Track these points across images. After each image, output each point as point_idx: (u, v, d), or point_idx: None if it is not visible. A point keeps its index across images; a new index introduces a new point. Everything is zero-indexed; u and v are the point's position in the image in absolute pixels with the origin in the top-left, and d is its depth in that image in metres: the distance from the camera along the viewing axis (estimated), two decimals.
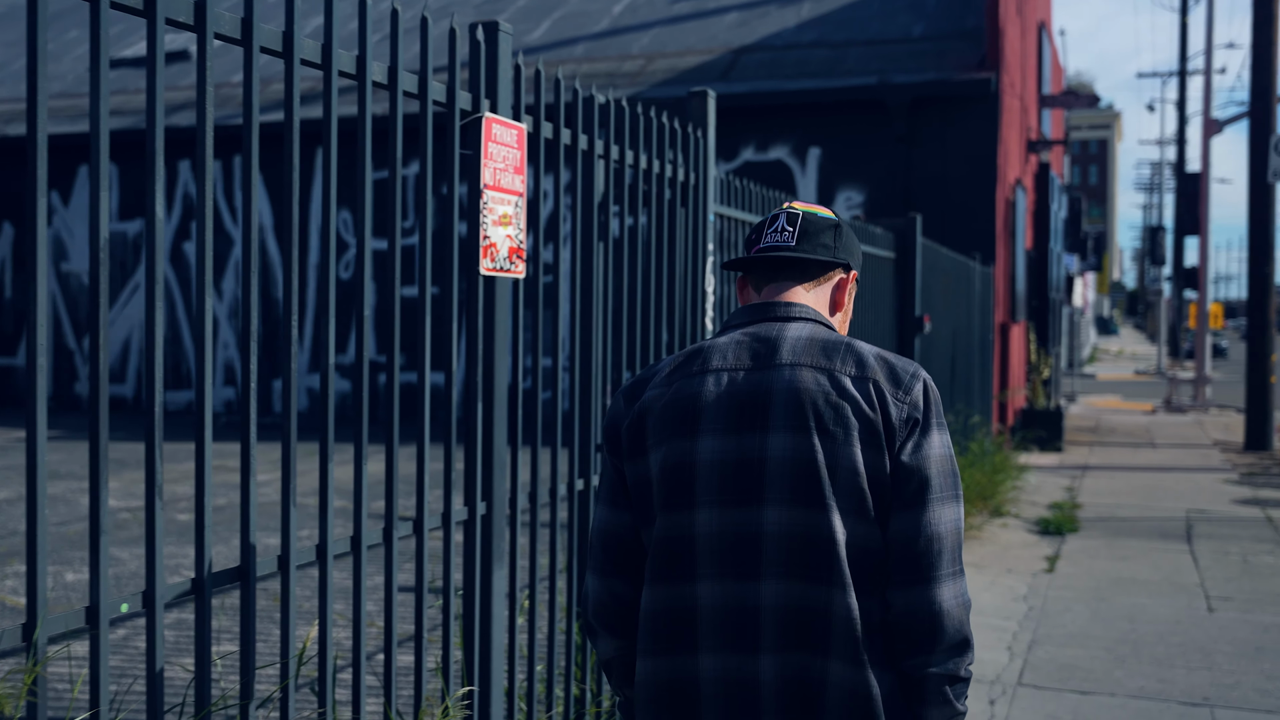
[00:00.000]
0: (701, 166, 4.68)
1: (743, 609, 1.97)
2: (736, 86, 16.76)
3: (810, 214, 2.16)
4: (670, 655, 2.01)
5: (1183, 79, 40.42)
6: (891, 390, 2.00)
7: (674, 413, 2.04)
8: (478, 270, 3.05)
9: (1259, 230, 16.33)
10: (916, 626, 1.95)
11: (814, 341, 2.04)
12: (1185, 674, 5.97)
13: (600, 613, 2.14)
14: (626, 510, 2.10)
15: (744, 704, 1.97)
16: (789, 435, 1.97)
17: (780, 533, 1.96)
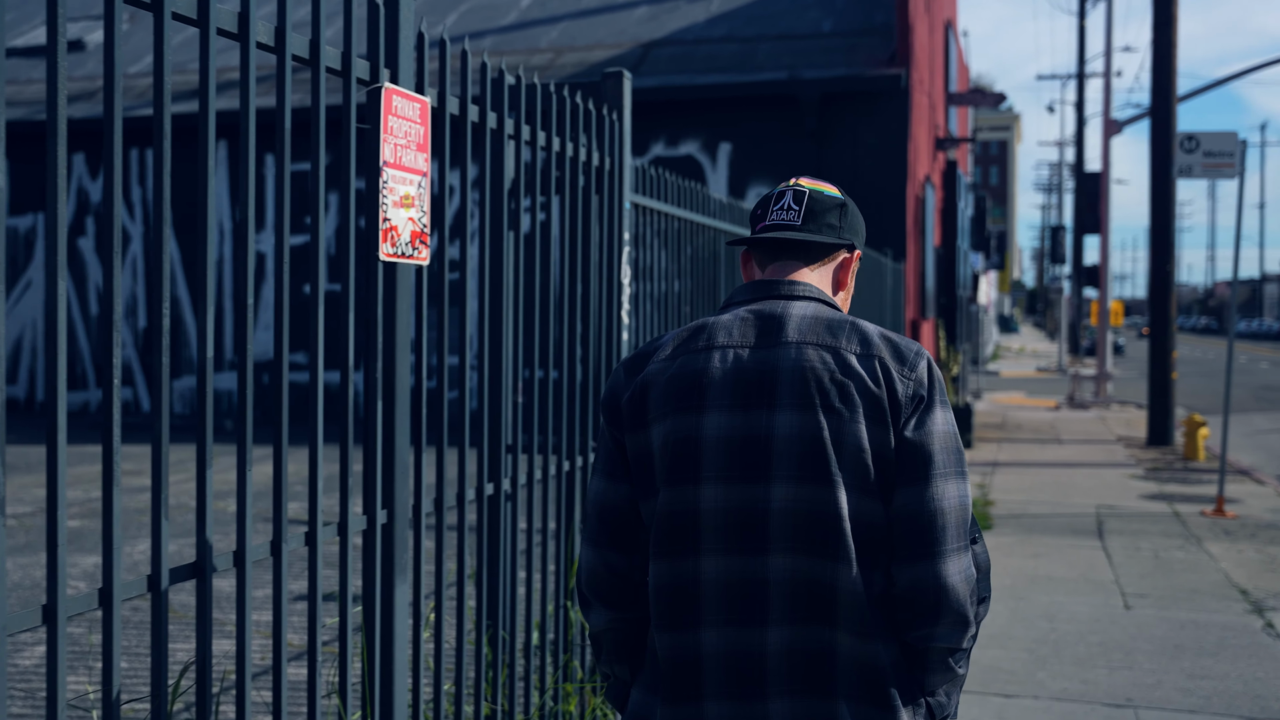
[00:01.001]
0: (617, 151, 4.45)
1: (748, 583, 1.98)
2: (647, 81, 16.56)
3: (816, 192, 2.15)
4: (674, 630, 2.02)
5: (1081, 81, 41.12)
6: (897, 367, 2.01)
7: (678, 387, 2.04)
8: (377, 256, 2.78)
9: (1160, 228, 16.54)
10: (921, 600, 1.97)
11: (819, 320, 2.05)
12: (1107, 674, 5.88)
13: (594, 583, 2.14)
14: (624, 482, 2.10)
15: (748, 676, 1.98)
16: (796, 413, 1.98)
17: (787, 508, 1.97)
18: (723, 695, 1.99)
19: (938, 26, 19.70)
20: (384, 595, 2.99)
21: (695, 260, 6.06)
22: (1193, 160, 11.11)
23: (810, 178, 2.22)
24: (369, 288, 2.83)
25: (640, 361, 2.12)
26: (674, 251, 5.65)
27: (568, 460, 4.19)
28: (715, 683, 2.00)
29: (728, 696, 1.99)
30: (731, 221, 6.79)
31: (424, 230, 2.98)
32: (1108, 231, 25.73)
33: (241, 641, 2.47)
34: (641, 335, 5.18)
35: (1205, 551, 9.11)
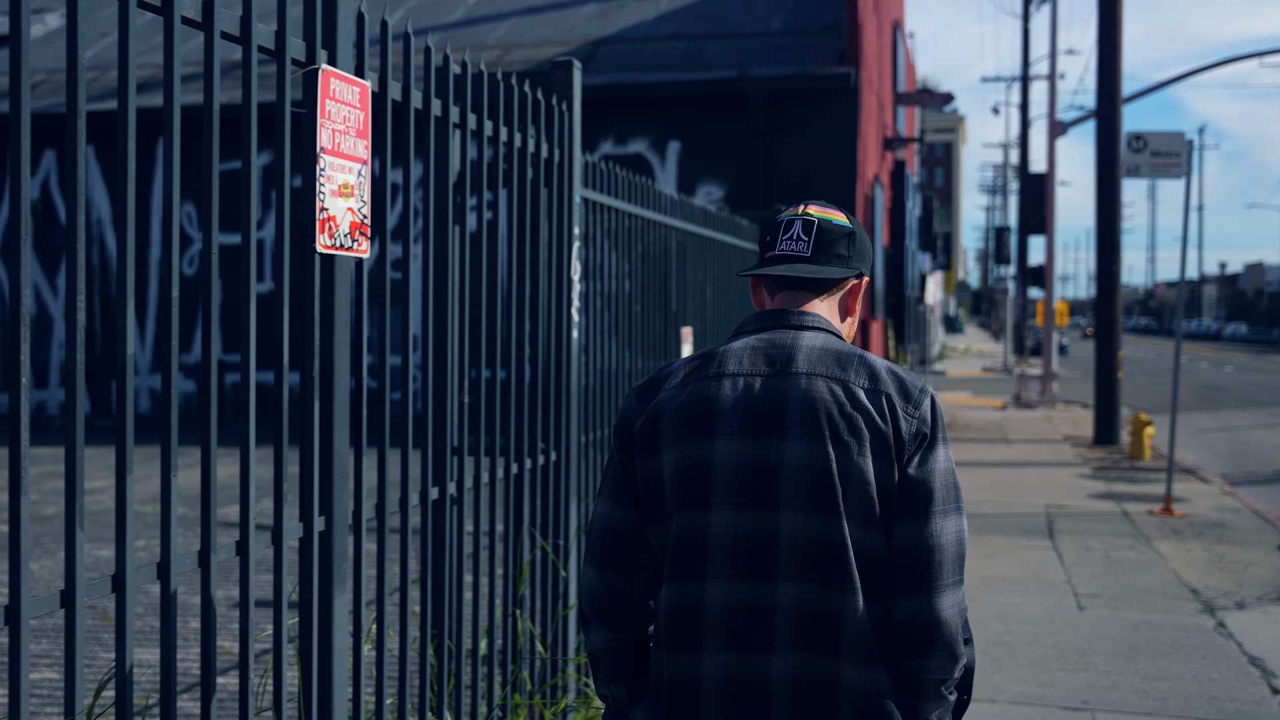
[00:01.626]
0: (567, 143, 4.31)
1: (754, 609, 2.01)
2: (595, 78, 16.42)
3: (825, 221, 2.18)
4: (677, 653, 2.05)
5: (1025, 84, 41.44)
6: (902, 405, 2.05)
7: (690, 414, 2.07)
8: (313, 247, 2.62)
9: (1105, 229, 16.62)
10: (916, 632, 2.01)
11: (828, 352, 2.09)
12: (1063, 676, 5.81)
13: (594, 603, 2.16)
14: (632, 508, 2.13)
15: (750, 703, 2.00)
16: (805, 442, 2.01)
17: (796, 536, 2.00)
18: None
19: (886, 27, 19.72)
20: (322, 605, 2.84)
21: (646, 258, 5.93)
22: (1140, 160, 11.14)
23: (819, 204, 2.22)
24: (305, 282, 2.68)
25: (652, 388, 2.15)
26: (624, 249, 5.52)
27: (516, 463, 4.05)
28: (713, 708, 2.02)
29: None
30: (682, 218, 6.68)
31: (364, 221, 2.83)
32: (1053, 232, 25.89)
33: (167, 659, 2.31)
34: (592, 335, 5.05)
35: (1155, 551, 9.11)
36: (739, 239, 8.13)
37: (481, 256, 3.74)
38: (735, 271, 8.09)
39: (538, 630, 4.35)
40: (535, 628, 4.33)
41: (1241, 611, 7.30)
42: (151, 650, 5.61)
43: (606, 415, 5.30)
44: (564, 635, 4.48)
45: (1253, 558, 8.94)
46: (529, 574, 4.29)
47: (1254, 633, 6.77)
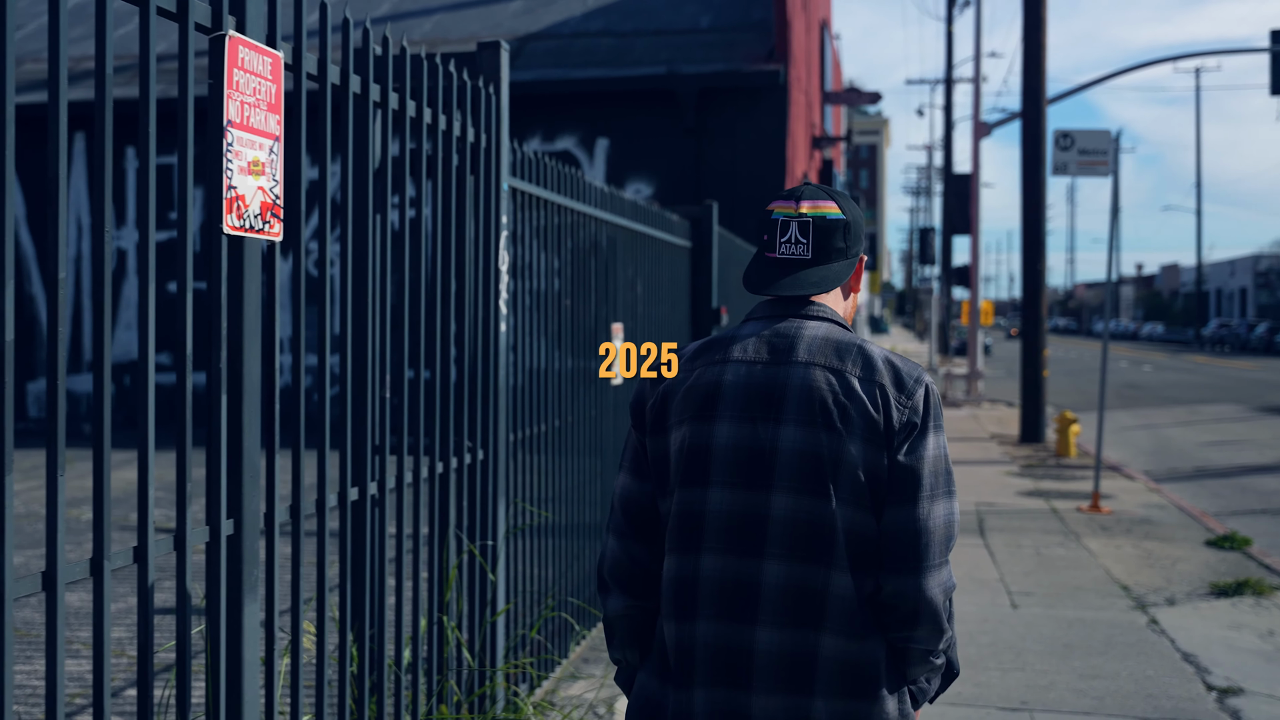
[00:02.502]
0: (494, 128, 4.13)
1: (742, 584, 2.12)
2: (522, 74, 16.20)
3: (820, 219, 2.23)
4: (676, 620, 2.17)
5: (949, 86, 41.86)
6: (895, 394, 2.14)
7: (695, 397, 2.19)
8: (220, 228, 2.43)
9: (1031, 228, 16.73)
10: (903, 608, 2.12)
11: (829, 342, 2.18)
12: (1000, 676, 5.73)
13: (615, 571, 2.28)
14: (647, 480, 2.26)
15: (735, 670, 2.12)
16: (799, 428, 2.12)
17: (786, 517, 2.11)
18: (711, 684, 2.14)
19: (814, 26, 19.72)
20: (231, 613, 2.64)
21: (576, 253, 5.76)
22: (1068, 158, 11.17)
23: (809, 198, 2.26)
24: (210, 266, 2.48)
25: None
26: (553, 244, 5.35)
27: (441, 461, 3.86)
28: (705, 673, 2.14)
29: (715, 685, 2.14)
30: (613, 212, 6.52)
31: (276, 202, 2.63)
32: (978, 232, 26.08)
33: (52, 677, 2.10)
34: (521, 335, 4.87)
35: (1085, 548, 9.12)
36: (670, 234, 7.98)
37: (404, 246, 3.56)
38: (656, 267, 7.95)
39: (465, 637, 4.16)
40: (463, 635, 4.15)
41: (1172, 608, 7.29)
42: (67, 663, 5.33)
43: (537, 414, 5.13)
44: (492, 642, 4.30)
45: (1180, 554, 8.97)
46: (456, 579, 4.11)
47: (1186, 629, 6.76)
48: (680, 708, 2.16)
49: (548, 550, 5.37)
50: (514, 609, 4.79)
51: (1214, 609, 7.31)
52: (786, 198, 2.28)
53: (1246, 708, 5.40)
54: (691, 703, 2.15)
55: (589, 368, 6.02)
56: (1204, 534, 9.76)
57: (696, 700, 2.14)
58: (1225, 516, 10.88)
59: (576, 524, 5.85)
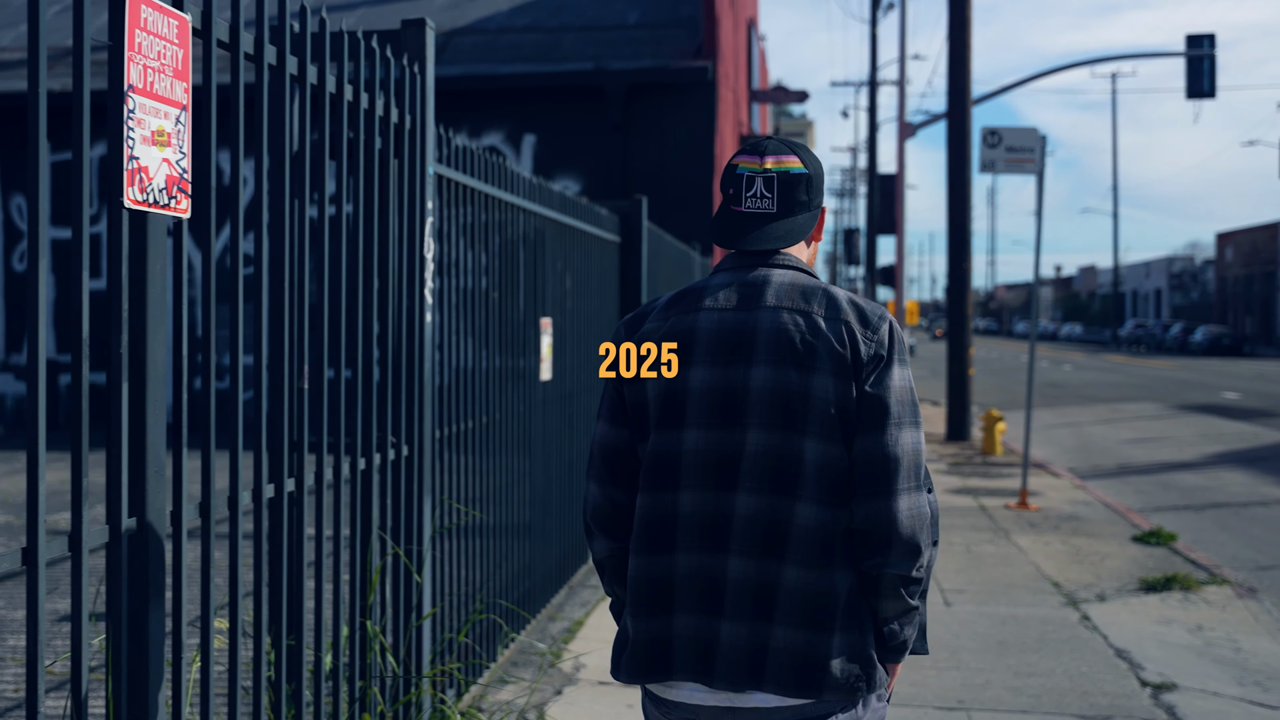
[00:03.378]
0: (419, 110, 3.95)
1: (717, 516, 2.23)
2: (448, 69, 15.96)
3: (784, 173, 2.31)
4: (652, 554, 2.28)
5: (873, 87, 42.13)
6: (861, 330, 2.23)
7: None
8: (120, 202, 2.23)
9: (957, 226, 16.80)
10: (875, 532, 2.19)
11: (795, 286, 2.28)
12: (936, 675, 5.66)
13: (598, 516, 2.39)
14: (625, 426, 2.35)
15: (710, 598, 2.23)
16: (770, 368, 2.22)
17: (757, 452, 2.21)
18: (690, 610, 2.25)
19: (741, 24, 19.68)
20: (134, 619, 2.45)
21: (503, 245, 5.59)
22: (996, 155, 11.19)
23: (773, 152, 2.32)
24: (111, 243, 2.28)
25: (638, 321, 2.37)
26: (481, 235, 5.17)
27: (364, 458, 3.68)
28: (685, 599, 2.25)
29: (694, 612, 2.24)
30: (541, 203, 6.36)
31: (184, 176, 2.44)
32: (903, 232, 26.24)
33: None
34: (448, 329, 4.69)
35: (1014, 545, 9.12)
36: (600, 229, 7.82)
37: (324, 233, 3.37)
38: (585, 261, 7.80)
39: (389, 642, 3.98)
40: (387, 639, 3.96)
41: (1103, 603, 7.28)
42: None
43: (464, 409, 4.95)
44: (418, 647, 4.12)
45: (1108, 549, 9.00)
46: (380, 581, 3.92)
47: (1117, 624, 6.75)
48: (655, 634, 2.27)
49: (476, 550, 5.19)
50: (441, 612, 4.61)
51: (1144, 604, 7.32)
52: (750, 152, 2.33)
53: (1180, 703, 5.37)
54: (671, 628, 2.26)
55: (517, 364, 5.85)
56: (1130, 530, 9.81)
57: (677, 626, 2.25)
58: (1149, 512, 10.96)
59: (506, 523, 5.68)
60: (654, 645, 2.26)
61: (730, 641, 2.20)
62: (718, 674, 2.21)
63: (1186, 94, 23.60)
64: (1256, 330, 58.91)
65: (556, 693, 5.22)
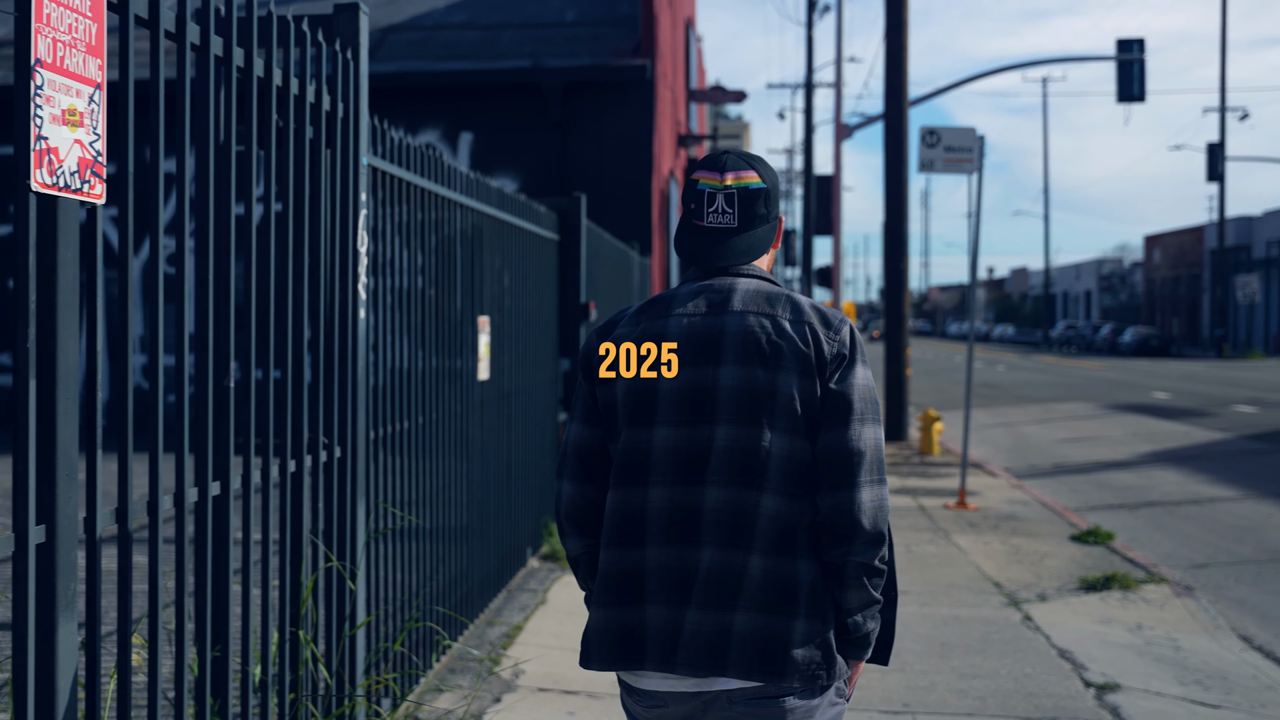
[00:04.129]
0: (353, 98, 3.80)
1: (688, 509, 2.33)
2: (384, 66, 15.73)
3: (744, 189, 2.43)
4: (623, 547, 2.36)
5: (809, 89, 42.29)
6: (824, 331, 2.35)
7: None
8: (27, 184, 2.08)
9: (894, 227, 16.82)
10: (839, 523, 2.28)
11: (760, 293, 2.40)
12: (880, 677, 5.58)
13: (573, 514, 2.46)
14: (598, 426, 2.44)
15: (681, 588, 2.31)
16: (738, 367, 2.33)
17: (725, 447, 2.32)
18: (660, 601, 2.33)
19: (679, 23, 19.61)
20: (41, 634, 2.28)
21: (440, 241, 5.44)
22: (934, 155, 11.19)
23: (733, 168, 2.43)
24: (17, 229, 2.12)
25: (609, 328, 2.46)
26: (417, 234, 5.02)
27: (294, 459, 3.52)
28: (656, 590, 2.33)
29: (663, 603, 2.33)
30: (479, 199, 6.22)
31: (98, 160, 2.28)
32: (840, 232, 26.34)
33: None
34: (381, 329, 4.54)
35: (954, 545, 9.10)
36: (538, 226, 7.69)
37: (251, 225, 3.22)
38: (523, 259, 7.67)
39: (321, 652, 3.82)
40: (319, 649, 3.81)
41: (1045, 603, 7.27)
42: None
43: (400, 410, 4.80)
44: (352, 656, 3.96)
45: (1047, 549, 9.02)
46: (312, 588, 3.77)
47: (1059, 624, 6.73)
48: (627, 624, 2.34)
49: (413, 555, 5.04)
50: (376, 619, 4.46)
51: (1084, 604, 7.32)
52: (711, 168, 2.44)
53: (1125, 704, 5.34)
54: (643, 619, 2.33)
55: (454, 363, 5.70)
56: (1068, 529, 9.84)
57: (649, 616, 2.33)
58: (1086, 511, 11.02)
59: (443, 527, 5.52)
60: (625, 635, 2.35)
61: (696, 629, 2.29)
62: (683, 662, 2.28)
63: (1117, 98, 23.92)
64: (1183, 331, 59.96)
65: (495, 700, 5.08)
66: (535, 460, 7.70)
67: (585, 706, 5.08)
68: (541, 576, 7.42)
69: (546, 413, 8.16)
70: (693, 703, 2.32)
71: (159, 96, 2.66)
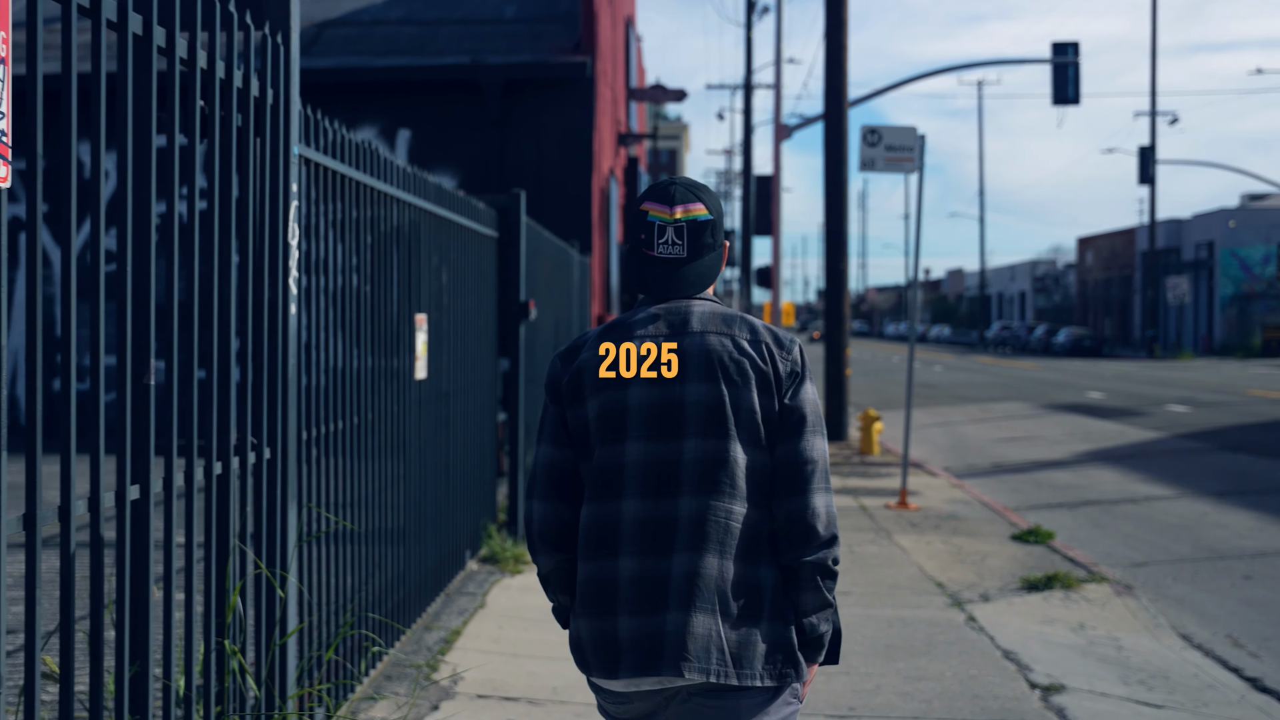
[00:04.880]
0: (283, 84, 3.65)
1: (662, 520, 2.45)
2: (321, 61, 15.48)
3: (692, 221, 2.57)
4: (598, 559, 2.48)
5: (748, 90, 42.40)
6: (778, 351, 2.53)
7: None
8: None
9: (834, 227, 16.82)
10: (796, 527, 2.45)
11: (716, 314, 2.56)
12: (824, 681, 5.51)
13: (545, 532, 2.57)
14: (568, 447, 2.56)
15: (656, 594, 2.43)
16: (703, 384, 2.49)
17: (695, 459, 2.47)
18: (633, 611, 2.45)
19: (619, 21, 19.50)
20: None
21: (376, 237, 5.28)
22: (875, 153, 11.17)
23: (681, 201, 2.56)
24: None
25: (573, 353, 2.59)
26: (352, 229, 4.87)
27: (220, 461, 3.36)
28: (628, 600, 2.45)
29: (637, 612, 2.45)
30: (416, 194, 6.07)
31: (2, 139, 2.13)
32: (779, 233, 26.36)
33: None
34: (315, 326, 4.39)
35: (897, 545, 9.07)
36: (477, 223, 7.54)
37: (174, 217, 3.06)
38: (462, 256, 7.53)
39: (250, 662, 3.66)
40: (247, 659, 3.65)
41: (988, 604, 7.25)
42: None
43: (333, 410, 4.65)
44: (282, 666, 3.81)
45: (989, 548, 9.01)
46: (240, 595, 3.61)
47: (1003, 625, 6.70)
48: (604, 633, 2.46)
49: (347, 559, 4.88)
50: (309, 626, 4.30)
51: (1027, 604, 7.30)
52: (660, 200, 2.57)
53: (1070, 705, 5.31)
54: (616, 629, 2.45)
55: (391, 363, 5.55)
56: (1009, 529, 9.85)
57: (621, 627, 2.45)
58: (1025, 510, 11.06)
59: (378, 530, 5.37)
60: (611, 643, 2.47)
61: (677, 632, 2.41)
62: (668, 663, 2.41)
63: (1053, 100, 24.15)
64: (1115, 332, 60.85)
65: (433, 708, 4.94)
66: (474, 461, 7.56)
67: (525, 714, 4.96)
68: (480, 580, 7.27)
69: (486, 413, 8.01)
70: (656, 699, 2.48)
71: (71, 76, 2.50)
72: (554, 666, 5.58)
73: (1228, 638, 6.89)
